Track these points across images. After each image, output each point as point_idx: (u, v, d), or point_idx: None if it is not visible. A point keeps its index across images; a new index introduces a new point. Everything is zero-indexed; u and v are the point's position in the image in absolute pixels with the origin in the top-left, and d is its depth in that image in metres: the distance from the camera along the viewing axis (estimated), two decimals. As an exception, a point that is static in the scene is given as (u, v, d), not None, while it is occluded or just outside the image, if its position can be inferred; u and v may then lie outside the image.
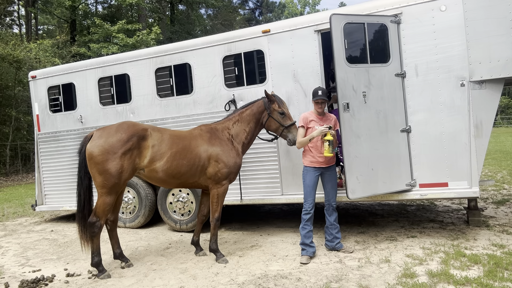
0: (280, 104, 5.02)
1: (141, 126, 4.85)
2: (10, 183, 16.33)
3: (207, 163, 4.87)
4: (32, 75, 7.65)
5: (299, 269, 4.35)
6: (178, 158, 4.74)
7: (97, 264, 4.61)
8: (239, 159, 5.02)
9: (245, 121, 5.10)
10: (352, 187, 4.85)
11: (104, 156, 4.52)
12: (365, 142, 4.90)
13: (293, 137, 4.92)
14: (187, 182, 4.94)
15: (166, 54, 6.51)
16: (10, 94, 18.52)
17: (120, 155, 4.52)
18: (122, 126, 4.74)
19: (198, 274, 4.42)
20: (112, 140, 4.57)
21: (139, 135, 4.68)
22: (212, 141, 4.93)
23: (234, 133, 5.06)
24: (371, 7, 5.26)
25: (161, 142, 4.76)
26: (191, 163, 4.79)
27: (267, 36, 5.83)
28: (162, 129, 5.00)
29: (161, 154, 4.70)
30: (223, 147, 4.92)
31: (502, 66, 4.66)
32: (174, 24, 28.91)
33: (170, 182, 4.89)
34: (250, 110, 5.13)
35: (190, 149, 4.83)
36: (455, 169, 4.90)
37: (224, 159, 4.87)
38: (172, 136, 4.87)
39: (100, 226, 4.59)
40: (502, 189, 8.23)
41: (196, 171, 4.84)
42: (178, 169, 4.74)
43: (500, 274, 3.77)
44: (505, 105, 43.97)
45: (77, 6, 24.12)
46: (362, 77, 4.91)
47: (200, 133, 5.00)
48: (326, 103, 4.82)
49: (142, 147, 4.67)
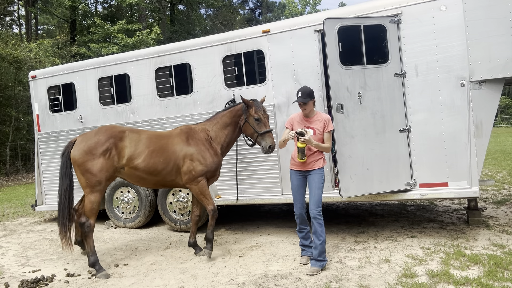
0: (257, 110, 4.98)
1: (119, 128, 5.21)
2: (10, 183, 16.33)
3: (182, 162, 5.08)
4: (32, 75, 7.65)
5: (299, 269, 4.35)
6: (155, 156, 5.01)
7: (94, 264, 4.69)
8: (216, 159, 5.18)
9: (224, 124, 5.24)
10: (345, 186, 4.89)
11: (85, 158, 4.87)
12: (359, 142, 4.94)
13: (266, 144, 4.89)
14: (165, 180, 5.17)
15: (166, 54, 6.51)
16: (10, 94, 18.51)
17: (98, 155, 4.86)
18: (101, 129, 5.15)
19: (198, 274, 4.42)
20: (91, 142, 4.94)
21: (116, 136, 5.02)
22: (189, 141, 5.14)
23: (214, 135, 5.23)
24: (370, 7, 5.26)
25: (138, 141, 5.08)
26: (167, 161, 5.04)
27: (267, 36, 5.83)
28: (141, 130, 5.35)
29: (139, 152, 5.01)
30: (199, 147, 5.11)
31: (502, 66, 4.67)
32: (174, 24, 28.92)
33: (149, 180, 5.13)
34: (230, 113, 5.25)
35: (167, 147, 5.09)
36: (455, 169, 4.90)
37: (199, 158, 5.06)
38: (149, 136, 5.18)
39: (90, 225, 4.77)
40: (502, 189, 8.23)
41: (172, 169, 5.08)
42: (155, 166, 5.01)
43: (500, 274, 3.77)
44: (505, 105, 43.96)
45: (77, 6, 24.12)
46: (357, 78, 4.95)
47: (179, 133, 5.24)
48: (308, 104, 4.42)
49: (120, 147, 5.00)
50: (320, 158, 4.44)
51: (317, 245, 4.29)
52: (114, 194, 7.00)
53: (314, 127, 4.42)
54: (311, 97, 4.44)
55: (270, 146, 4.89)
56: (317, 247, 4.29)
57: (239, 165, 5.97)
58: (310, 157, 4.41)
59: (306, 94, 4.42)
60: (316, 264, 4.27)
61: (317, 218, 4.28)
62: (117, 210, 7.02)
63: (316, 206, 4.31)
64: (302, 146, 4.28)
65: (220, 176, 6.13)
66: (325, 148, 4.43)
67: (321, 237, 4.28)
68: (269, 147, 4.89)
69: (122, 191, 6.94)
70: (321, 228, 4.29)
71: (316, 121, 4.46)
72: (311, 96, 4.45)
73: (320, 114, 4.54)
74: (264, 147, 4.92)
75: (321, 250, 4.28)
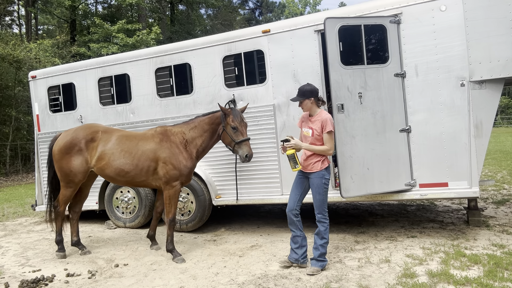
0: (234, 118, 4.95)
1: (94, 128, 5.39)
2: (10, 183, 16.33)
3: (155, 164, 5.08)
4: (32, 75, 7.64)
5: (299, 269, 4.35)
6: (121, 157, 5.12)
7: (58, 242, 5.42)
8: (190, 163, 5.14)
9: (202, 129, 5.22)
10: (346, 186, 4.88)
11: (60, 155, 5.28)
12: (360, 142, 4.93)
13: (243, 153, 4.89)
14: (134, 181, 5.26)
15: (166, 54, 6.50)
16: (10, 94, 18.51)
17: (71, 155, 5.23)
18: (78, 128, 5.45)
19: (198, 274, 4.42)
20: (66, 141, 5.30)
21: (88, 137, 5.27)
22: (162, 143, 5.12)
23: (190, 138, 5.19)
24: (370, 7, 5.26)
25: (107, 142, 5.23)
26: (135, 163, 5.09)
27: (267, 36, 5.83)
28: (114, 130, 5.46)
29: (106, 153, 5.17)
30: (173, 149, 5.08)
31: (502, 66, 4.67)
32: (174, 24, 28.91)
33: (118, 180, 5.31)
34: (209, 119, 5.22)
35: (136, 149, 5.15)
36: (455, 169, 4.90)
37: (172, 161, 5.04)
38: (120, 137, 5.28)
39: (59, 211, 5.44)
40: (502, 189, 8.23)
41: (142, 171, 5.11)
42: (122, 167, 5.11)
43: (500, 274, 3.77)
44: (505, 105, 43.96)
45: (77, 6, 24.12)
46: (358, 78, 4.95)
47: (153, 134, 5.25)
48: (304, 103, 4.34)
49: (91, 147, 5.24)
50: (317, 161, 4.26)
51: (317, 246, 4.26)
52: (114, 194, 7.00)
53: (313, 127, 4.31)
54: (306, 96, 4.30)
55: (247, 155, 4.90)
56: (318, 248, 4.25)
57: (239, 165, 5.97)
58: (306, 160, 4.32)
59: (301, 92, 4.34)
60: (316, 264, 4.25)
61: (321, 221, 4.29)
62: (117, 210, 7.02)
63: (318, 212, 4.28)
64: (289, 153, 4.20)
65: (220, 176, 6.15)
66: (319, 150, 4.22)
67: (324, 238, 4.25)
68: (246, 156, 4.90)
69: (122, 191, 6.93)
70: (325, 230, 4.26)
71: (316, 121, 4.32)
72: (306, 95, 4.30)
73: (321, 113, 4.35)
74: (241, 156, 4.93)
75: (322, 251, 4.25)
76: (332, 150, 4.29)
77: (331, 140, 4.26)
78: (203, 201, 6.21)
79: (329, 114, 4.36)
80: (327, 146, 4.24)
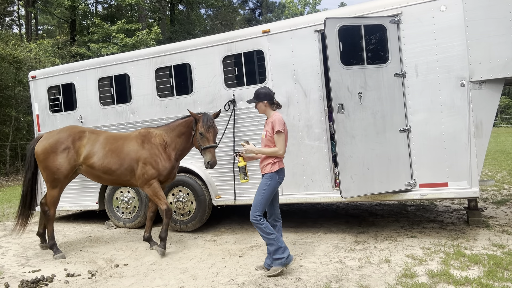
0: (202, 125, 5.07)
1: (80, 128, 5.67)
2: (10, 183, 16.32)
3: (136, 165, 5.36)
4: (32, 75, 7.65)
5: (299, 269, 4.35)
6: (109, 157, 5.39)
7: (52, 247, 5.47)
8: (168, 164, 5.38)
9: (179, 132, 5.43)
10: (346, 186, 4.89)
11: (45, 155, 5.40)
12: (360, 142, 4.94)
13: (205, 159, 5.01)
14: (120, 180, 5.52)
15: (166, 54, 6.51)
16: (10, 94, 18.49)
17: (58, 154, 5.37)
18: (63, 129, 5.64)
19: (198, 274, 4.42)
20: (52, 140, 5.44)
21: (76, 136, 5.49)
22: (144, 145, 5.40)
23: (169, 140, 5.44)
24: (371, 7, 5.26)
25: (95, 142, 5.48)
26: (121, 162, 5.38)
27: (267, 36, 5.83)
28: (101, 131, 5.75)
29: (94, 152, 5.41)
30: (153, 151, 5.35)
31: (502, 66, 4.67)
32: (174, 24, 28.92)
33: (105, 178, 5.53)
34: (185, 123, 5.41)
35: (122, 149, 5.43)
36: (455, 169, 4.90)
37: (151, 162, 5.30)
38: (107, 137, 5.56)
39: (50, 215, 5.51)
40: (502, 189, 8.22)
41: (126, 170, 5.39)
42: (109, 166, 5.37)
43: (500, 274, 3.77)
44: (505, 105, 43.96)
45: (77, 6, 24.10)
46: (358, 78, 4.96)
47: (137, 136, 5.53)
48: (258, 106, 4.36)
49: (78, 146, 5.45)
50: (268, 163, 4.22)
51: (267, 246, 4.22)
52: (114, 194, 7.00)
53: (267, 129, 4.30)
54: (259, 99, 4.32)
55: (209, 162, 5.01)
56: (267, 248, 4.22)
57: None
58: (262, 162, 4.31)
59: (256, 95, 4.38)
60: (274, 263, 4.19)
61: (254, 222, 4.15)
62: (117, 210, 7.02)
63: (253, 211, 4.16)
64: (240, 165, 4.35)
65: (220, 177, 6.15)
66: (269, 152, 4.18)
67: (265, 237, 4.17)
68: (208, 163, 5.02)
69: (122, 191, 6.93)
70: (262, 233, 4.16)
71: (269, 123, 4.28)
72: (260, 98, 4.32)
73: (273, 115, 4.30)
74: (204, 161, 5.08)
75: (270, 249, 4.17)
76: (282, 151, 4.20)
77: (280, 140, 4.18)
78: (203, 201, 6.21)
79: (279, 115, 4.30)
80: (277, 147, 4.19)
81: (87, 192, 7.14)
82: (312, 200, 5.69)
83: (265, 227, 4.16)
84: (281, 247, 4.16)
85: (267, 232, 4.15)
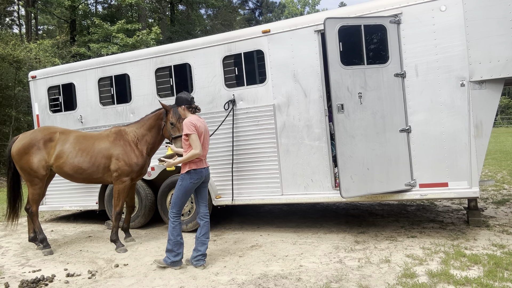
0: (173, 115, 5.29)
1: (51, 129, 5.82)
2: (10, 183, 16.29)
3: (109, 162, 5.56)
4: (32, 75, 7.65)
5: (299, 269, 4.35)
6: (79, 156, 5.57)
7: (42, 240, 5.69)
8: (141, 160, 5.62)
9: (149, 125, 5.65)
10: (346, 186, 4.90)
11: (19, 156, 5.63)
12: (360, 142, 4.94)
13: (177, 147, 5.11)
14: (91, 178, 5.69)
15: (166, 54, 6.51)
16: (10, 94, 18.48)
17: (30, 154, 5.57)
18: (36, 130, 5.82)
19: (198, 274, 4.42)
20: (25, 142, 5.64)
21: (47, 137, 5.65)
22: (116, 142, 5.61)
23: (140, 135, 5.66)
24: (371, 7, 5.26)
25: (65, 142, 5.65)
26: (92, 161, 5.56)
27: (267, 36, 5.83)
28: (72, 131, 5.92)
29: (64, 152, 5.59)
30: (126, 147, 5.57)
31: (502, 66, 4.67)
32: (174, 24, 28.90)
33: (76, 177, 5.69)
34: (154, 116, 5.65)
35: (92, 148, 5.61)
36: (455, 169, 4.90)
37: (124, 158, 5.53)
38: (77, 137, 5.73)
39: (33, 211, 5.75)
40: (502, 189, 8.23)
41: (98, 168, 5.58)
42: (80, 165, 5.56)
43: (500, 274, 3.77)
44: (505, 105, 43.98)
45: (77, 6, 24.10)
46: (358, 78, 4.96)
47: (108, 134, 5.73)
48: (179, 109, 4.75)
49: (49, 147, 5.63)
50: (184, 165, 4.53)
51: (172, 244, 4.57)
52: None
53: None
54: (178, 103, 4.70)
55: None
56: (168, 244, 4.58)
57: (238, 165, 5.97)
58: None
59: (175, 100, 4.74)
60: (164, 258, 4.62)
61: (169, 219, 4.60)
62: (117, 210, 7.01)
63: (170, 209, 4.61)
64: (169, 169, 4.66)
65: (220, 177, 6.14)
66: (186, 158, 4.44)
67: (169, 236, 4.56)
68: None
69: (122, 191, 6.93)
70: (169, 230, 4.57)
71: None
72: (178, 102, 4.69)
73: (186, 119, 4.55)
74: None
75: (167, 246, 4.57)
76: (198, 150, 4.39)
77: (194, 141, 4.41)
78: (203, 201, 6.20)
79: (190, 118, 4.51)
80: (193, 148, 4.41)
81: (87, 192, 7.14)
82: (312, 200, 5.69)
83: (175, 228, 4.56)
84: (174, 252, 4.55)
85: (173, 232, 4.55)
